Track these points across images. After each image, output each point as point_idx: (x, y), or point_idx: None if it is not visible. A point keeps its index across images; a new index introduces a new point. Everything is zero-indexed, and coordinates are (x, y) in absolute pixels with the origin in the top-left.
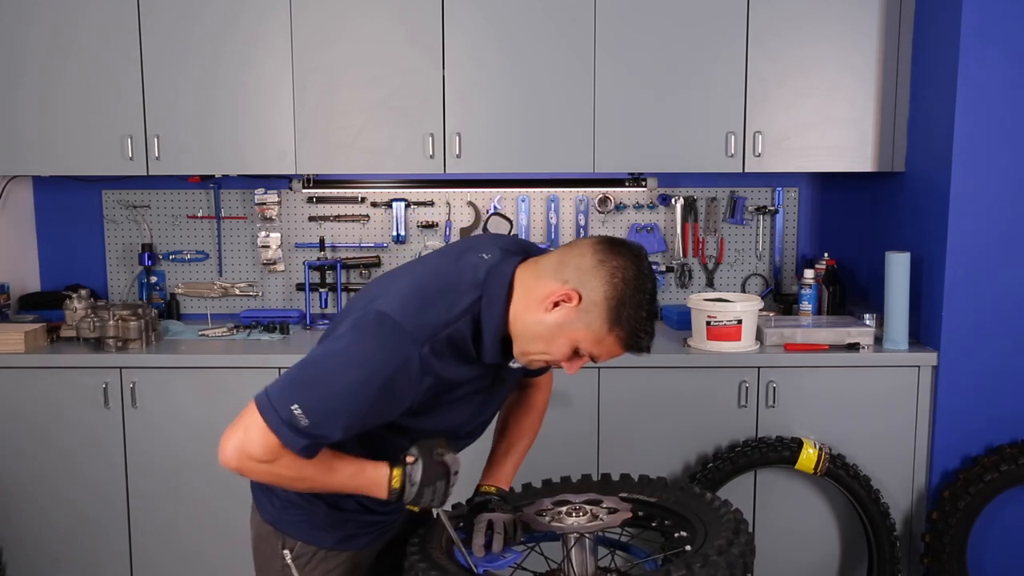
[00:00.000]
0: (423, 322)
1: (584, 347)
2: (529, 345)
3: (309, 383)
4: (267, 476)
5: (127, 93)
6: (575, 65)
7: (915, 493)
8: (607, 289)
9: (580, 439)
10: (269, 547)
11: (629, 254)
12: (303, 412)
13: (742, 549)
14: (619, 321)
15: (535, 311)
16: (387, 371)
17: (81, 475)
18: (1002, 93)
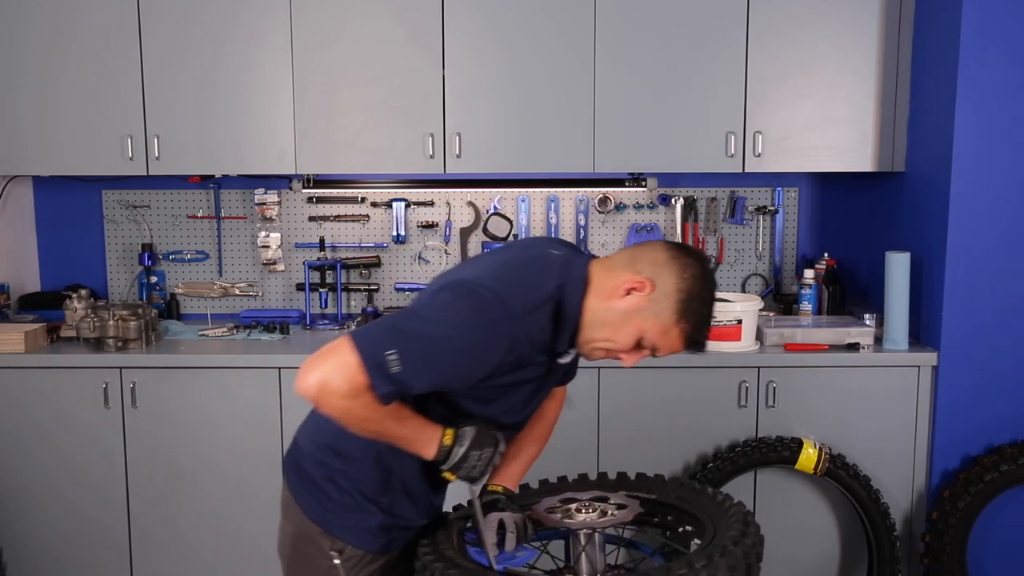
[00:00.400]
0: (520, 299)
1: (649, 337)
2: (596, 332)
3: (409, 335)
4: (339, 410)
5: (127, 93)
6: (575, 65)
7: (915, 493)
8: (678, 282)
9: (580, 439)
10: (313, 546)
11: (698, 256)
12: (398, 359)
13: (754, 540)
14: (686, 314)
15: (606, 299)
16: (485, 338)
17: (81, 475)
18: (1002, 93)
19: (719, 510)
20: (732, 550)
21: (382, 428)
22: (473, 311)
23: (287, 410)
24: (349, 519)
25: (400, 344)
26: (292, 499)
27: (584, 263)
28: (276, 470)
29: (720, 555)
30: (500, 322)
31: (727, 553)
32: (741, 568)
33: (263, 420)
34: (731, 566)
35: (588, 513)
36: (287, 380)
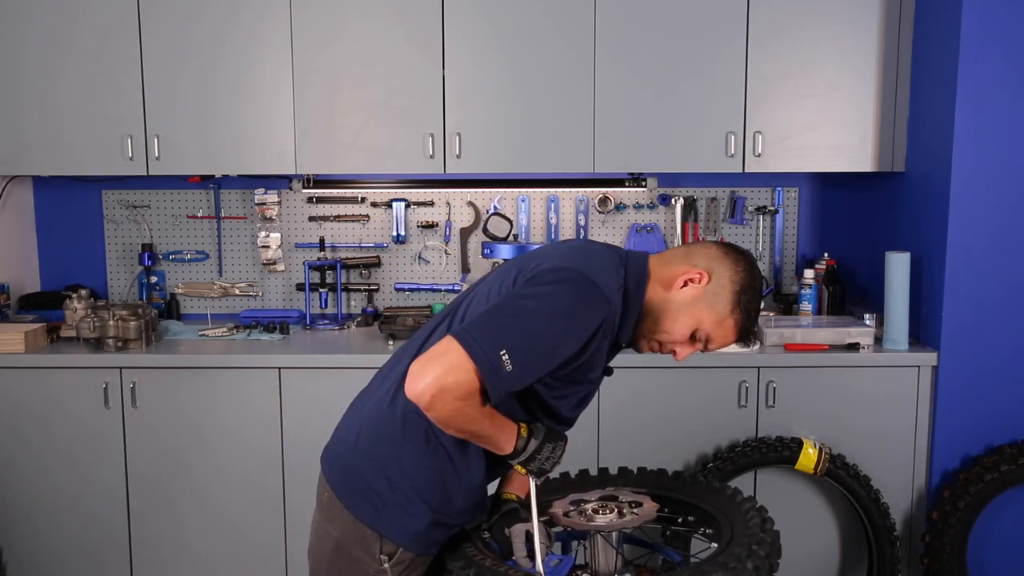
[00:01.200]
0: (606, 281)
1: (704, 327)
2: (653, 324)
3: (514, 331)
4: (450, 413)
5: (127, 93)
6: (575, 65)
7: (915, 493)
8: (732, 275)
9: (580, 439)
10: (361, 548)
11: (747, 253)
12: (509, 359)
13: (773, 537)
14: (739, 305)
15: (665, 290)
16: (588, 323)
17: (82, 475)
18: (1002, 93)
19: (732, 506)
20: (756, 550)
21: (480, 428)
22: (577, 299)
23: (287, 410)
24: (403, 519)
25: (510, 342)
26: (336, 500)
27: (644, 256)
28: (276, 469)
29: (747, 555)
30: (601, 307)
31: (752, 554)
32: (765, 568)
33: (263, 420)
34: (757, 567)
35: (607, 514)
36: (287, 380)
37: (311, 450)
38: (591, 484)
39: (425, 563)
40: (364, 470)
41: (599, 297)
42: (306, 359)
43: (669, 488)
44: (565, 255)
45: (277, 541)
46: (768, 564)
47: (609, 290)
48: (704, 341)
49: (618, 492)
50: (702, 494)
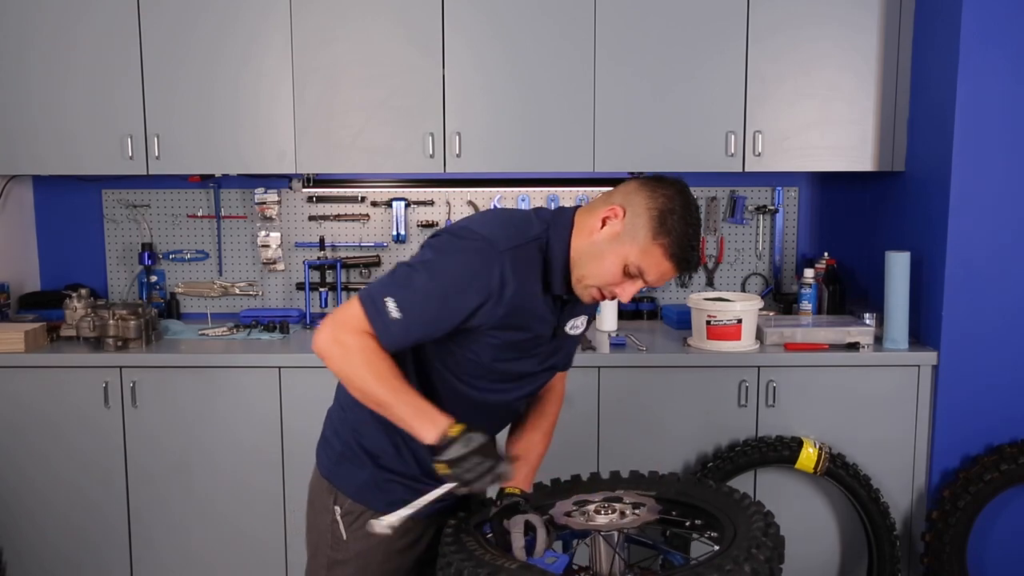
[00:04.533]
0: (503, 235)
1: (631, 260)
2: (583, 269)
3: (404, 283)
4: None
5: (127, 92)
6: (575, 64)
7: (915, 492)
8: (649, 201)
9: (580, 439)
10: (321, 501)
11: (674, 181)
12: (397, 306)
13: (776, 541)
14: (662, 230)
15: (587, 236)
16: (479, 277)
17: (82, 474)
18: (1002, 92)
19: (736, 508)
20: (755, 553)
21: (374, 390)
22: (460, 251)
23: (287, 409)
24: (349, 470)
25: (396, 292)
26: (316, 460)
27: (571, 211)
28: (276, 469)
29: (748, 553)
30: (485, 255)
31: (752, 557)
32: (763, 572)
33: (263, 419)
34: (755, 570)
35: (609, 514)
36: (287, 379)
37: (310, 449)
38: (602, 486)
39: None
40: (326, 424)
41: (489, 252)
42: (306, 358)
43: (678, 491)
44: (469, 219)
45: (277, 539)
46: (768, 568)
47: (505, 242)
48: (639, 275)
49: (624, 494)
50: (709, 497)
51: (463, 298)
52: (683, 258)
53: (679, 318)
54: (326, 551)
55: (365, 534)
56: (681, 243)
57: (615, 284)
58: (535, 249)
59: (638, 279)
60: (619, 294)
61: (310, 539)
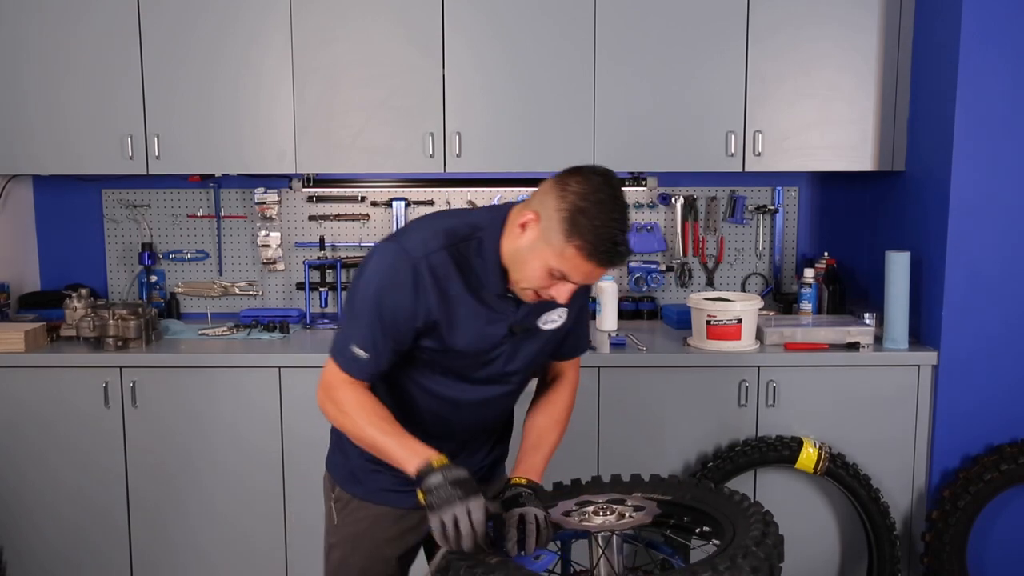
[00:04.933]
0: (423, 241)
1: (552, 264)
2: (515, 273)
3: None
4: (339, 417)
5: (127, 92)
6: (575, 64)
7: (915, 492)
8: (557, 203)
9: (580, 439)
10: (325, 490)
11: (585, 171)
12: (359, 346)
13: (775, 540)
14: (575, 231)
15: (515, 240)
16: (391, 280)
17: (82, 474)
18: (1002, 92)
19: (737, 510)
20: (755, 551)
21: (373, 439)
22: (376, 271)
23: (287, 409)
24: (338, 460)
25: (354, 335)
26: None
27: (506, 209)
28: (276, 469)
29: (743, 556)
30: (399, 262)
31: (750, 554)
32: (764, 569)
33: (263, 419)
34: (754, 567)
35: (606, 516)
36: (287, 379)
37: (311, 449)
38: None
39: (370, 510)
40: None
41: (402, 259)
42: (306, 358)
43: (687, 495)
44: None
45: (277, 539)
46: (768, 566)
47: (418, 247)
48: (563, 277)
49: (627, 496)
50: (707, 499)
51: (400, 309)
52: (603, 255)
53: (679, 318)
54: (327, 536)
55: (354, 520)
56: (597, 241)
57: (546, 287)
58: (462, 251)
59: (569, 284)
60: (554, 296)
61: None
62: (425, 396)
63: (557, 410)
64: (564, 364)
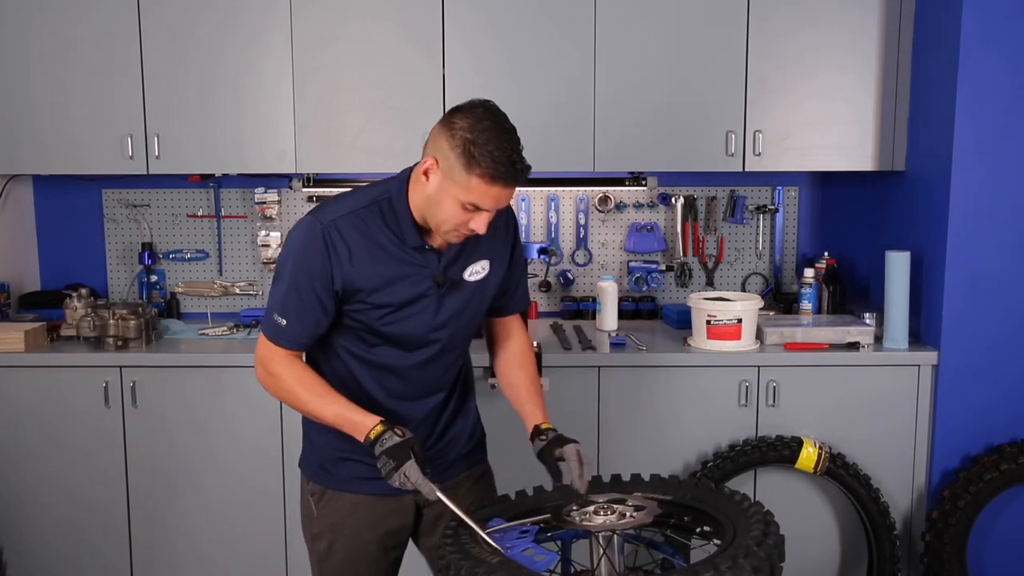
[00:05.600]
0: (330, 209)
1: (462, 198)
2: (432, 219)
3: (275, 295)
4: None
5: (127, 92)
6: (575, 64)
7: (915, 492)
8: (450, 142)
9: (580, 438)
10: (301, 485)
11: (465, 108)
12: (280, 315)
13: (776, 540)
14: (474, 161)
15: (422, 189)
16: (312, 252)
17: (82, 474)
18: (1002, 92)
19: (738, 511)
20: (756, 551)
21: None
22: (292, 241)
23: (287, 409)
24: (306, 455)
25: (276, 305)
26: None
27: (408, 170)
28: (276, 468)
29: (744, 556)
30: (310, 230)
31: (751, 554)
32: (765, 569)
33: (263, 419)
34: (755, 567)
35: (607, 515)
36: None
37: None
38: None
39: (345, 499)
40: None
41: (312, 226)
42: None
43: (687, 495)
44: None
45: (277, 539)
46: (769, 565)
47: (328, 215)
48: (476, 209)
49: (628, 496)
50: (708, 499)
51: (314, 273)
52: (505, 176)
53: (679, 318)
54: (307, 526)
55: (333, 509)
56: (496, 165)
57: (463, 223)
58: (372, 212)
59: (480, 211)
60: (474, 228)
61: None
62: (366, 370)
63: (527, 357)
64: (510, 322)
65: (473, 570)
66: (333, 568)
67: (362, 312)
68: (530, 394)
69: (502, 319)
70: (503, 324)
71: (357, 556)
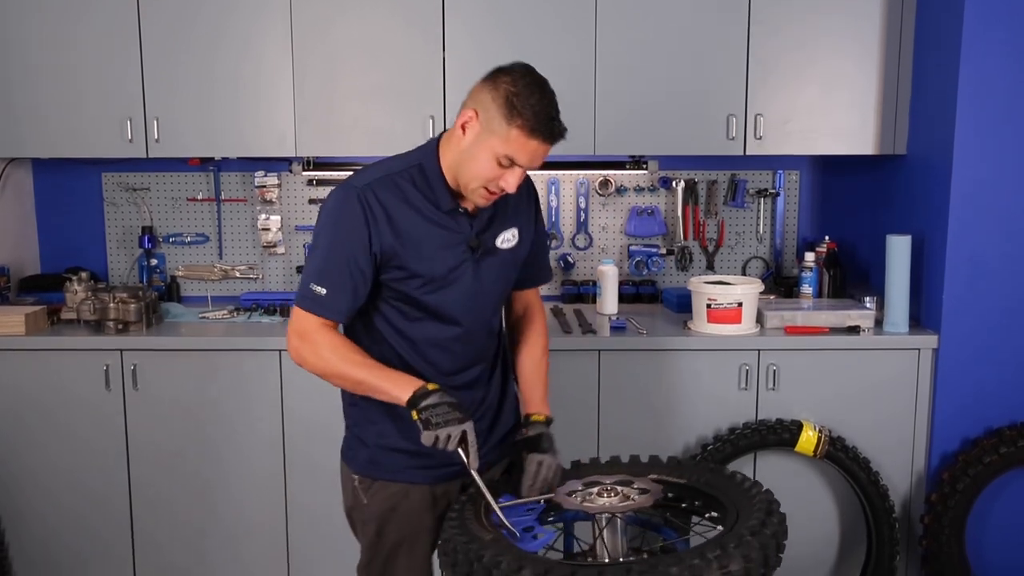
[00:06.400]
0: (363, 175)
1: (499, 151)
2: (463, 176)
3: (311, 264)
4: (317, 361)
5: (127, 75)
6: (576, 47)
7: (914, 475)
8: (493, 94)
9: (580, 422)
10: (344, 478)
11: (506, 68)
12: (317, 283)
13: (775, 529)
14: (514, 112)
15: (458, 143)
16: (340, 214)
17: (83, 455)
18: (1004, 76)
19: (745, 497)
20: (748, 540)
21: (358, 375)
22: (328, 210)
23: (287, 392)
24: (353, 451)
25: (312, 275)
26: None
27: (436, 137)
28: (277, 450)
29: (735, 545)
30: (346, 196)
31: (743, 543)
32: (757, 559)
33: (264, 402)
34: (745, 556)
35: (609, 497)
36: (287, 362)
37: (311, 430)
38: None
39: (393, 488)
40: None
41: (348, 193)
42: None
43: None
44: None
45: (278, 519)
46: (775, 543)
47: (361, 181)
48: (512, 163)
49: (636, 478)
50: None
51: (352, 239)
52: (544, 131)
53: (679, 301)
54: (356, 514)
55: (385, 496)
56: (537, 118)
57: (495, 178)
58: (404, 178)
59: (515, 167)
60: (504, 186)
61: (344, 503)
62: (409, 346)
63: (539, 343)
64: (529, 295)
65: (467, 545)
66: (387, 549)
67: (401, 282)
68: (534, 377)
69: (523, 292)
70: (522, 298)
71: (411, 538)
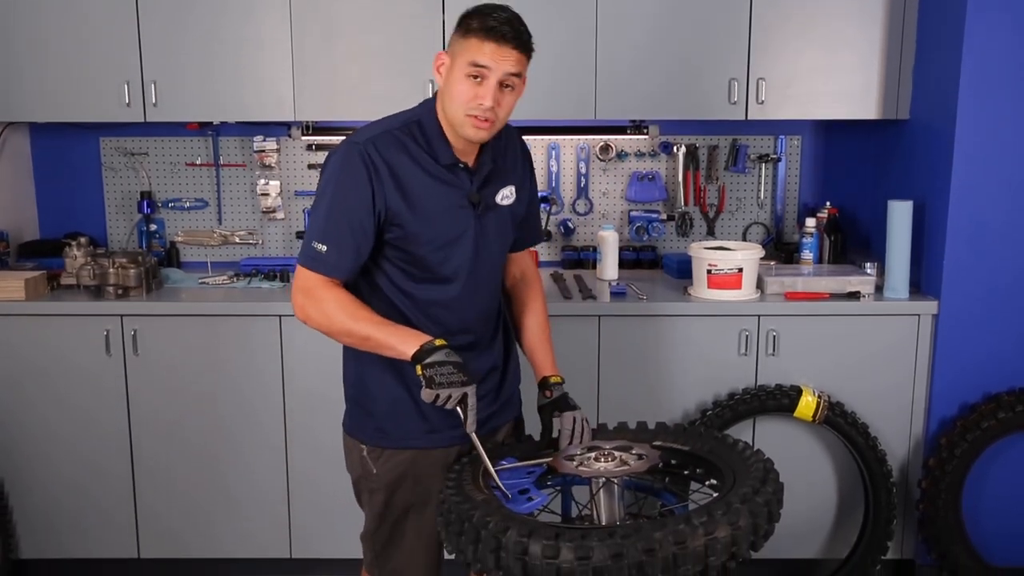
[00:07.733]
0: (364, 131)
1: (465, 65)
2: (448, 111)
3: (314, 222)
4: (322, 317)
5: (124, 38)
6: (577, 11)
7: (912, 440)
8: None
9: (580, 387)
10: (350, 450)
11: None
12: (320, 241)
13: (768, 498)
14: (468, 25)
15: (440, 92)
16: (342, 171)
17: (84, 422)
18: (1008, 41)
19: (743, 464)
20: (737, 507)
21: (363, 330)
22: (330, 165)
23: (287, 357)
24: (359, 418)
25: (315, 232)
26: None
27: (435, 94)
28: (278, 415)
29: (724, 512)
30: (348, 152)
31: (731, 511)
32: (746, 526)
33: (264, 367)
34: (733, 523)
35: (606, 462)
36: (287, 328)
37: (312, 396)
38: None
39: (404, 455)
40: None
41: (350, 149)
42: None
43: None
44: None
45: (279, 485)
46: (767, 511)
47: (363, 136)
48: (483, 75)
49: (635, 444)
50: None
51: (355, 197)
52: (497, 32)
53: (680, 267)
54: (364, 483)
55: (394, 464)
56: (486, 22)
57: (473, 98)
58: (404, 133)
59: (485, 78)
60: (483, 102)
61: (350, 474)
62: (414, 305)
63: (540, 307)
64: (525, 258)
65: (460, 505)
66: (395, 514)
67: (405, 241)
68: (541, 341)
69: (518, 255)
70: (518, 262)
71: (421, 502)
